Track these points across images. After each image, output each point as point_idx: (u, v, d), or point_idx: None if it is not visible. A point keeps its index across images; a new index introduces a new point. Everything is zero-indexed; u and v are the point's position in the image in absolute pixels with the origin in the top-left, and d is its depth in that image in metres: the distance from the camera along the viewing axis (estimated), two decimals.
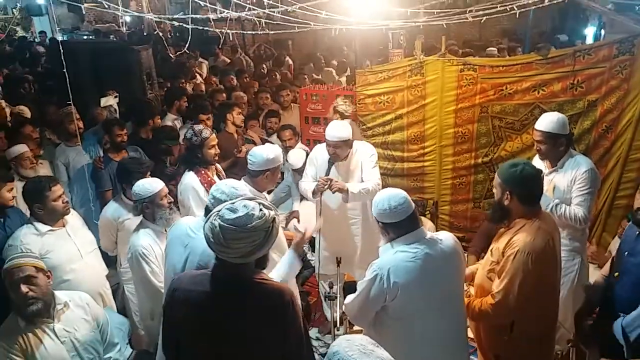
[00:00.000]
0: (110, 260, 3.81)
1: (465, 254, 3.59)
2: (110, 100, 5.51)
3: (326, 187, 3.58)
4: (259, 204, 2.01)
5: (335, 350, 1.53)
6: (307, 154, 4.34)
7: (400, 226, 2.43)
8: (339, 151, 3.72)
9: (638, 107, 4.08)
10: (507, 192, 2.61)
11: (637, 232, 2.55)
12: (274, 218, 2.02)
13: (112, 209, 3.64)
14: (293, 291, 2.15)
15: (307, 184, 3.90)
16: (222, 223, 1.93)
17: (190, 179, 3.67)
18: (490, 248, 2.78)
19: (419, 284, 2.36)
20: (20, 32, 14.92)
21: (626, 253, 2.64)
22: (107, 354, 2.63)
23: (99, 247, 3.67)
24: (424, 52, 4.73)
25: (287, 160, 4.65)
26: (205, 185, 3.60)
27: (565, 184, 3.40)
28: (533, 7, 4.17)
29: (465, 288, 2.77)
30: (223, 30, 4.48)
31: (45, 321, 2.45)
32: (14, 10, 15.82)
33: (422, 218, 4.04)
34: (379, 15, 4.73)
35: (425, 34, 5.94)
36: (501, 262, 2.57)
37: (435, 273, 2.40)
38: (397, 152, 4.99)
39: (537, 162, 3.50)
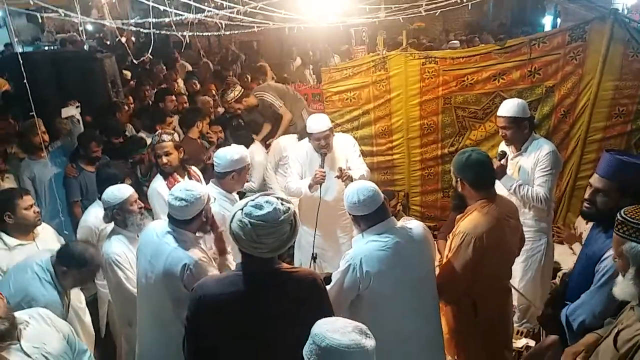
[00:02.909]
0: None
1: (436, 241, 3.69)
2: (71, 111, 5.39)
3: (325, 178, 3.73)
4: (278, 198, 2.07)
5: (317, 331, 1.57)
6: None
7: (370, 217, 2.49)
8: (330, 140, 3.84)
9: (593, 91, 4.26)
10: (459, 180, 2.74)
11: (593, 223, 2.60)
12: (295, 212, 2.09)
13: (93, 216, 3.52)
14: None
15: (297, 182, 3.96)
16: (252, 220, 1.97)
17: (156, 184, 3.66)
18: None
19: (390, 272, 2.42)
20: None
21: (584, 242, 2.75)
22: None
23: None
24: (386, 48, 4.82)
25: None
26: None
27: (529, 166, 3.53)
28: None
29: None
30: (185, 34, 4.47)
31: (11, 343, 2.39)
32: None
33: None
34: (339, 13, 4.80)
35: (388, 29, 6.04)
36: (452, 244, 2.69)
37: (406, 260, 2.47)
38: (367, 147, 5.07)
39: (504, 148, 3.64)
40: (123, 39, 6.20)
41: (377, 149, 5.10)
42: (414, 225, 2.62)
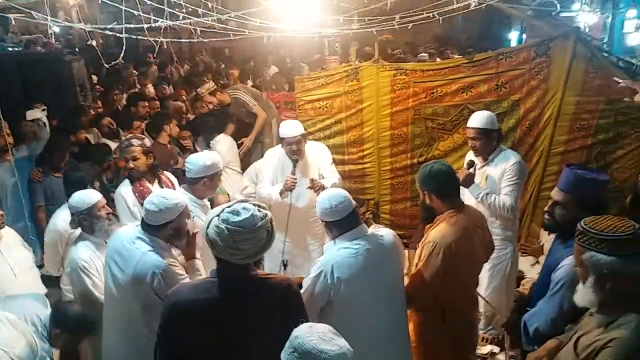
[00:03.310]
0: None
1: (407, 250, 3.75)
2: (37, 114, 5.28)
3: (296, 185, 3.75)
4: (255, 205, 2.07)
5: (296, 335, 1.57)
6: None
7: (342, 224, 2.53)
8: (302, 146, 3.86)
9: (556, 105, 4.41)
10: (425, 192, 2.81)
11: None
12: (271, 218, 2.09)
13: (62, 220, 3.40)
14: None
15: (268, 188, 3.97)
16: (228, 226, 1.97)
17: (122, 189, 3.62)
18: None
19: (361, 278, 2.46)
20: None
21: None
22: None
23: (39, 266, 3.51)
24: (358, 59, 4.89)
25: None
26: (137, 194, 3.53)
27: (497, 175, 3.63)
28: (455, 14, 4.42)
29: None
30: (157, 39, 4.44)
31: None
32: None
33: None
34: (313, 23, 4.85)
35: (360, 40, 6.13)
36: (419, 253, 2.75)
37: (376, 267, 2.50)
38: (338, 156, 5.11)
39: (472, 158, 3.73)
40: (93, 42, 6.11)
41: (348, 158, 5.15)
42: (385, 232, 2.67)
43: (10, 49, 9.04)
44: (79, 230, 3.14)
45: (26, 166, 4.64)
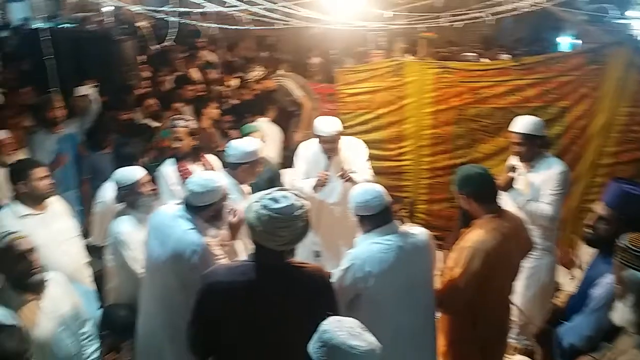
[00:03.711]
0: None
1: (442, 252, 3.72)
2: (85, 90, 5.45)
3: (329, 181, 3.76)
4: (295, 194, 2.11)
5: (325, 329, 1.59)
6: None
7: (374, 219, 2.53)
8: (336, 144, 3.83)
9: (606, 115, 4.26)
10: (461, 196, 2.78)
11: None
12: (309, 209, 2.13)
13: (110, 192, 3.45)
14: None
15: (301, 182, 3.98)
16: (267, 212, 2.02)
17: (163, 167, 3.72)
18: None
19: (390, 275, 2.45)
20: None
21: None
22: (82, 329, 2.67)
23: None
24: (403, 54, 4.85)
25: None
26: (181, 174, 3.64)
27: (539, 183, 3.55)
28: (505, 15, 4.32)
29: None
30: (206, 25, 4.52)
31: (35, 297, 2.47)
32: None
33: None
34: (358, 17, 4.83)
35: (406, 37, 6.07)
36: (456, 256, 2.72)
37: (407, 266, 2.50)
38: (376, 151, 5.08)
39: (514, 162, 3.66)
40: (143, 24, 6.26)
41: (386, 154, 5.13)
42: (418, 231, 2.66)
43: (65, 25, 9.31)
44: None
45: (74, 140, 4.81)
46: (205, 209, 2.65)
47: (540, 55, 4.61)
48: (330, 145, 3.85)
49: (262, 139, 4.17)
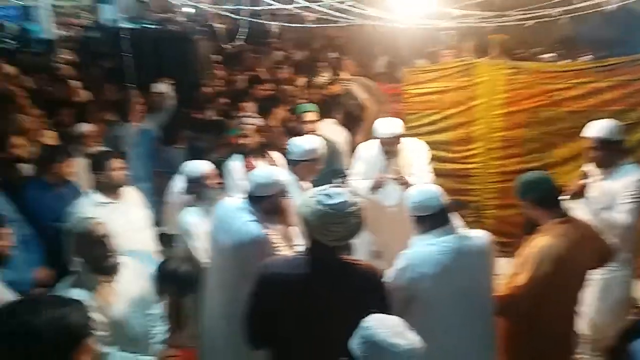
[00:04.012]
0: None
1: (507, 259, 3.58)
2: (162, 87, 5.74)
3: (386, 183, 3.73)
4: (349, 191, 2.15)
5: (367, 326, 1.60)
6: None
7: (431, 219, 2.49)
8: (395, 147, 3.80)
9: None
10: (524, 202, 2.71)
11: None
12: (362, 207, 2.15)
13: (181, 184, 3.58)
14: None
15: (359, 182, 3.99)
16: (321, 207, 2.06)
17: (230, 162, 3.88)
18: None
19: (445, 277, 2.40)
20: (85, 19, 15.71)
21: None
22: (150, 310, 2.80)
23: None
24: (474, 54, 4.73)
25: None
26: (244, 169, 3.79)
27: (616, 191, 3.35)
28: (584, 13, 4.10)
29: None
30: (275, 24, 4.63)
31: (110, 280, 2.63)
32: None
33: None
34: (429, 15, 4.76)
35: (477, 36, 5.90)
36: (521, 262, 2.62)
37: (464, 269, 2.44)
38: (442, 153, 4.99)
39: (589, 168, 3.50)
40: (219, 25, 6.51)
41: (453, 156, 5.01)
42: (478, 234, 2.59)
43: (147, 26, 9.85)
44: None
45: (150, 134, 5.09)
46: (265, 200, 2.70)
47: (624, 57, 4.34)
48: (389, 147, 3.83)
49: (316, 118, 4.25)
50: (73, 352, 1.33)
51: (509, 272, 2.90)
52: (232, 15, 4.87)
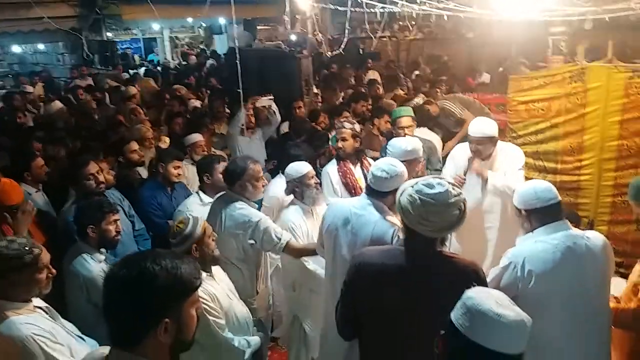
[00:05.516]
0: None
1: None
2: (265, 102, 6.06)
3: (464, 185, 3.62)
4: (450, 183, 2.14)
5: (470, 296, 1.52)
6: None
7: (542, 213, 2.40)
8: (482, 148, 3.72)
9: None
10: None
11: None
12: (465, 200, 2.13)
13: (280, 188, 3.72)
14: None
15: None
16: (422, 197, 2.06)
17: (328, 167, 4.03)
18: None
19: (556, 278, 2.28)
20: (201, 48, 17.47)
21: None
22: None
23: None
24: (587, 58, 4.47)
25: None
26: (341, 174, 3.93)
27: None
28: None
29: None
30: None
31: (210, 271, 2.82)
32: (199, 29, 18.51)
33: None
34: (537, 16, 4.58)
35: (590, 39, 5.56)
36: None
37: (576, 270, 2.30)
38: (550, 164, 4.72)
39: None
40: (322, 48, 6.83)
41: (561, 167, 4.71)
42: (593, 235, 2.43)
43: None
44: (291, 197, 3.55)
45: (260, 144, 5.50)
46: (389, 195, 2.64)
47: None
48: (474, 147, 3.70)
49: (412, 123, 4.38)
50: (183, 301, 1.45)
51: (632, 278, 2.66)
52: (332, 37, 5.10)
